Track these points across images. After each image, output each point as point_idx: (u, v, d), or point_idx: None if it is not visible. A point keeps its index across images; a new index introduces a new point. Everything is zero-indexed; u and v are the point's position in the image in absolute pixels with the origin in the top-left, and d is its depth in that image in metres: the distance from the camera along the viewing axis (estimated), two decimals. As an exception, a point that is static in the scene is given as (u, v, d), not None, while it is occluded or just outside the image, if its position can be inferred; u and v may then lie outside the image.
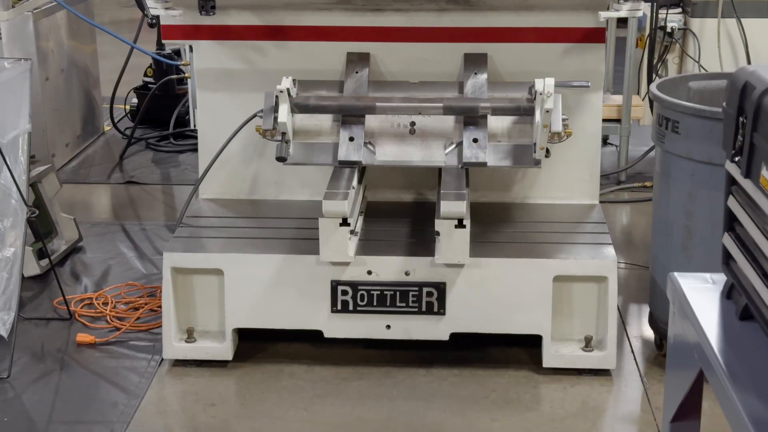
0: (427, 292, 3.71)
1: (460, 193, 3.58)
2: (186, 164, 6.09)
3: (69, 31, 6.01)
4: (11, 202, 3.68)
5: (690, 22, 5.33)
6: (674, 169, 3.52)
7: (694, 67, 5.33)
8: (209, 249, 3.83)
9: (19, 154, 3.72)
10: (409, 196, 4.30)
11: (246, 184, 4.31)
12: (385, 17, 4.06)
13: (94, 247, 4.89)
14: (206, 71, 4.19)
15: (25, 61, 3.77)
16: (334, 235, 3.61)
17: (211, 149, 4.15)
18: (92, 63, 6.50)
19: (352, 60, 4.06)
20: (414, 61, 4.09)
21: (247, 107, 4.01)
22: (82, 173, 5.93)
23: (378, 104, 3.85)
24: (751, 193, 1.77)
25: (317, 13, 4.06)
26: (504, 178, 4.23)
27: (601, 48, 4.03)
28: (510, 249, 3.79)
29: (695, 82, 3.77)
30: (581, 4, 3.92)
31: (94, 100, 6.53)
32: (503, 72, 4.07)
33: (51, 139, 5.76)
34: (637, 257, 4.75)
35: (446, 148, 3.84)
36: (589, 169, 4.19)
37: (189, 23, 4.04)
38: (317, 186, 4.14)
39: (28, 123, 3.74)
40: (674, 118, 3.46)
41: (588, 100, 4.09)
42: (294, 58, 4.11)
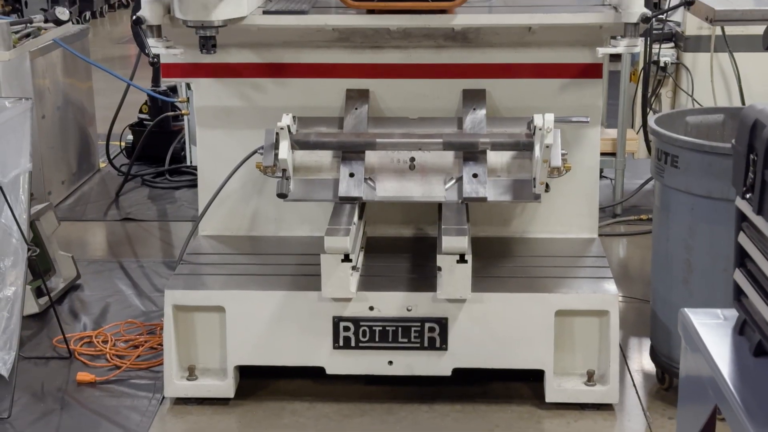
0: (429, 327, 3.71)
1: (461, 228, 3.60)
2: (182, 200, 6.10)
3: (65, 69, 6.03)
4: (12, 241, 3.68)
5: (683, 57, 5.38)
6: (674, 203, 3.55)
7: (687, 101, 5.38)
8: (210, 286, 3.83)
9: (20, 193, 3.72)
10: (409, 232, 4.31)
11: (246, 221, 4.31)
12: (383, 54, 4.09)
13: (92, 284, 4.88)
14: (206, 109, 4.21)
15: (25, 101, 3.79)
16: (336, 271, 3.61)
17: (210, 186, 4.16)
18: (88, 100, 6.52)
19: (351, 96, 4.09)
20: (413, 97, 4.12)
21: (246, 144, 4.02)
22: (79, 210, 5.92)
23: (378, 140, 3.87)
24: (763, 229, 1.78)
25: (316, 51, 4.09)
26: (503, 212, 4.25)
27: (598, 83, 4.07)
28: (511, 284, 3.79)
29: (692, 117, 3.81)
30: (578, 41, 3.96)
31: (90, 137, 6.54)
32: (501, 107, 4.10)
33: (47, 177, 5.76)
34: (634, 290, 4.76)
35: (446, 184, 3.86)
36: (587, 203, 4.22)
37: (189, 61, 4.06)
38: (317, 222, 4.15)
39: (29, 162, 3.75)
40: (673, 152, 3.49)
41: (586, 135, 4.12)
42: (293, 95, 4.13)
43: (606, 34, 3.87)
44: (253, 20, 3.83)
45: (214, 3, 3.64)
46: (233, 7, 3.69)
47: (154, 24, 3.76)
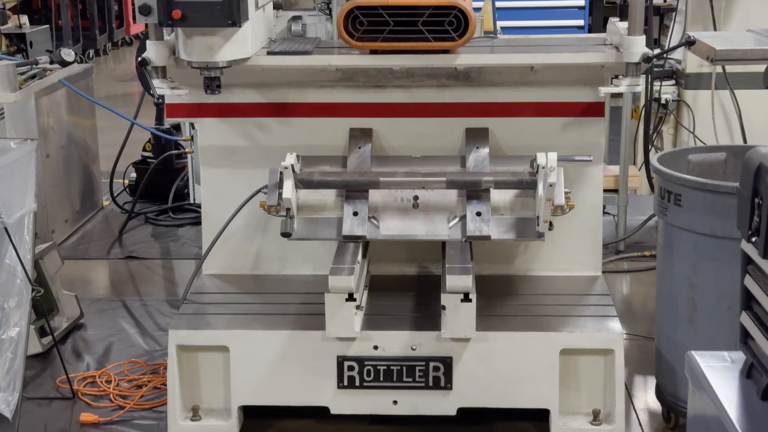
0: (434, 366, 3.70)
1: (465, 267, 3.60)
2: (185, 238, 6.10)
3: (69, 108, 6.07)
4: (16, 281, 3.68)
5: (684, 94, 5.41)
6: (677, 241, 3.55)
7: (689, 138, 5.40)
8: (214, 326, 3.83)
9: (25, 233, 3.73)
10: (413, 270, 4.31)
11: (249, 260, 4.32)
12: (387, 93, 4.12)
13: (95, 323, 4.87)
14: (210, 148, 4.23)
15: (31, 142, 3.81)
16: (340, 311, 3.61)
17: (214, 225, 4.17)
18: (91, 138, 6.55)
19: (355, 135, 4.11)
20: (416, 136, 4.14)
21: (250, 183, 4.04)
22: (82, 249, 5.93)
23: (381, 179, 3.89)
24: (770, 272, 1.79)
25: (320, 90, 4.12)
26: (507, 250, 4.26)
27: (600, 122, 4.09)
28: (516, 322, 3.79)
29: (694, 155, 3.83)
30: (580, 80, 3.99)
31: (93, 175, 6.57)
32: (504, 146, 4.12)
33: (51, 216, 5.78)
34: (639, 327, 4.75)
35: (450, 222, 3.87)
36: (591, 240, 4.22)
37: (194, 101, 4.09)
38: (320, 260, 4.16)
39: (34, 202, 3.76)
40: (676, 191, 3.50)
41: (589, 173, 4.13)
42: (297, 135, 4.16)
43: (608, 74, 3.89)
44: (257, 61, 3.86)
45: (218, 44, 3.67)
46: (238, 48, 3.72)
47: (159, 65, 3.79)
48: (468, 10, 3.71)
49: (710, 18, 5.20)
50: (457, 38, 3.74)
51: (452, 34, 3.73)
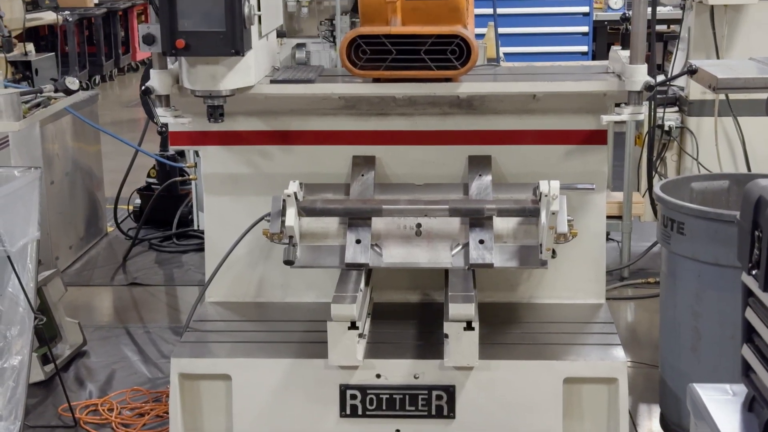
0: (437, 395, 3.69)
1: (468, 296, 3.59)
2: (189, 264, 6.11)
3: (74, 134, 6.09)
4: (19, 310, 3.68)
5: (687, 121, 5.41)
6: (680, 269, 3.54)
7: (692, 164, 5.40)
8: (216, 354, 3.82)
9: (27, 261, 3.74)
10: (416, 297, 4.30)
11: (252, 287, 4.31)
12: (389, 121, 4.13)
13: (98, 351, 4.87)
14: (213, 176, 4.24)
15: (35, 170, 3.82)
16: (342, 339, 3.60)
17: (217, 252, 4.17)
18: (96, 164, 6.57)
19: (357, 163, 4.11)
20: (419, 164, 4.14)
21: (253, 211, 4.04)
22: (86, 275, 5.93)
23: (384, 207, 3.89)
24: (770, 305, 1.78)
25: (323, 118, 4.13)
26: (510, 278, 4.25)
27: (603, 149, 4.09)
28: (519, 351, 3.78)
29: (697, 183, 3.83)
30: (582, 108, 3.99)
31: (98, 201, 6.58)
32: (507, 173, 4.12)
33: (55, 242, 5.78)
34: (643, 355, 4.73)
35: (452, 250, 3.86)
36: (594, 268, 4.21)
37: (197, 129, 4.10)
38: (324, 288, 4.15)
39: (37, 230, 3.77)
40: (679, 219, 3.50)
41: (592, 201, 4.13)
42: (300, 162, 4.16)
43: (610, 102, 3.90)
44: (260, 89, 3.87)
45: (222, 73, 3.69)
46: (241, 76, 3.73)
47: (163, 94, 3.81)
48: (470, 39, 3.72)
49: (713, 45, 5.21)
50: (459, 67, 3.75)
51: (455, 63, 3.74)
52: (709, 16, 5.16)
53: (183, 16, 3.55)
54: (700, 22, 5.23)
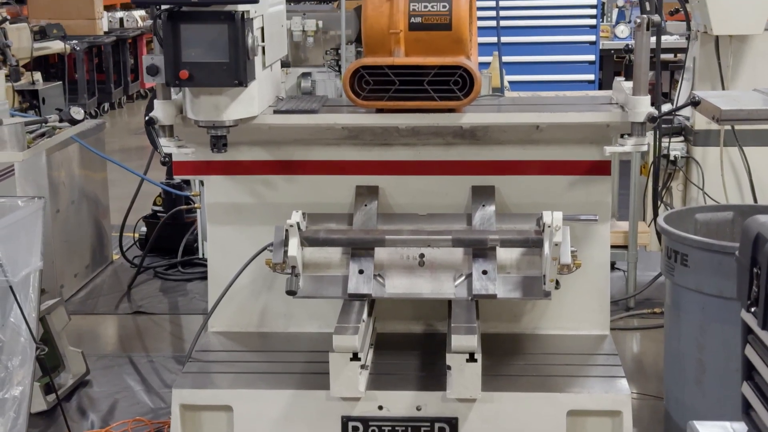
0: (440, 427, 3.66)
1: (470, 327, 3.57)
2: (194, 293, 6.10)
3: (80, 162, 6.11)
4: (20, 340, 3.68)
5: (693, 151, 5.40)
6: (684, 301, 3.52)
7: (698, 194, 5.38)
8: (218, 385, 3.80)
9: (30, 291, 3.74)
10: (419, 328, 4.28)
11: (255, 317, 4.30)
12: (393, 151, 4.13)
13: (100, 380, 4.85)
14: (217, 205, 4.24)
15: (38, 200, 3.83)
16: (344, 370, 3.58)
17: (220, 282, 4.17)
18: (102, 192, 6.58)
19: (361, 193, 4.11)
20: (422, 194, 4.14)
21: (256, 240, 4.04)
22: (90, 304, 5.93)
23: (387, 237, 3.88)
24: (769, 343, 1.76)
25: (326, 148, 4.14)
26: (513, 308, 4.23)
27: (607, 180, 4.08)
28: (522, 383, 3.75)
29: (701, 214, 3.81)
30: (586, 138, 3.99)
31: (104, 229, 6.59)
32: (510, 204, 4.11)
33: (60, 270, 5.78)
34: (649, 387, 4.69)
35: (456, 280, 3.85)
36: (598, 299, 4.19)
37: (201, 159, 4.10)
38: (326, 318, 4.13)
39: (40, 260, 3.77)
40: (683, 251, 3.48)
41: (596, 231, 4.12)
42: (303, 192, 4.17)
43: (614, 132, 3.90)
44: (264, 119, 3.88)
45: (225, 104, 3.70)
46: (244, 107, 3.74)
47: (167, 124, 3.82)
48: (473, 70, 3.73)
49: (718, 76, 5.21)
50: (462, 97, 3.76)
51: (458, 94, 3.75)
52: (714, 46, 5.16)
53: (187, 47, 3.57)
54: (705, 53, 5.23)
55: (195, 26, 3.55)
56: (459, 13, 3.75)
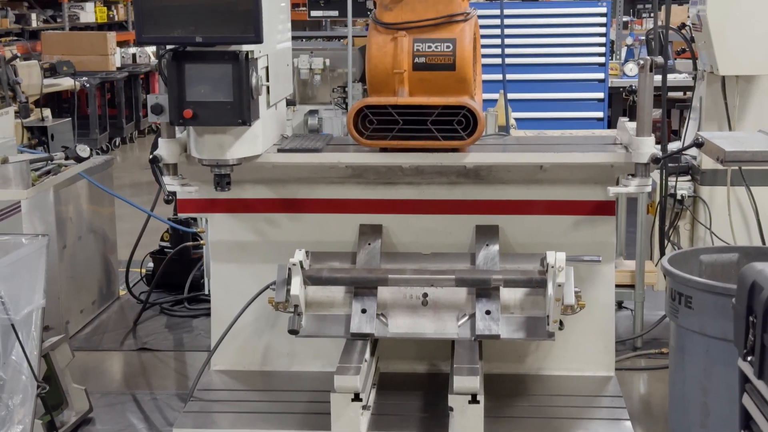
0: (441, 469, 3.63)
1: (473, 368, 3.56)
2: (199, 329, 6.07)
3: (88, 198, 6.11)
4: (22, 378, 3.66)
5: (700, 190, 5.37)
6: (688, 344, 3.49)
7: (705, 234, 5.34)
8: (219, 425, 3.79)
9: (32, 329, 3.73)
10: (422, 367, 4.26)
11: (258, 355, 4.29)
12: (397, 190, 4.13)
13: (104, 418, 4.82)
14: (220, 243, 4.24)
15: (42, 237, 3.84)
16: (346, 411, 3.56)
17: (223, 320, 4.16)
18: (110, 227, 6.58)
19: (364, 232, 4.11)
20: (426, 233, 4.13)
21: (260, 278, 4.04)
22: (95, 340, 5.91)
23: (390, 276, 3.88)
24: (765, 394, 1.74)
25: (330, 186, 4.14)
26: (517, 348, 4.20)
27: (611, 220, 4.07)
28: (525, 425, 3.72)
29: (706, 256, 3.79)
30: (590, 179, 3.98)
31: (111, 265, 6.58)
32: (514, 243, 4.10)
33: (65, 307, 5.77)
34: (656, 429, 4.62)
35: (459, 320, 3.84)
36: (603, 340, 4.16)
37: (205, 197, 4.11)
38: (330, 357, 4.11)
39: (43, 298, 3.77)
40: (687, 293, 3.45)
41: (600, 272, 4.10)
42: (307, 230, 4.17)
43: (618, 173, 3.89)
44: (267, 158, 3.90)
45: (229, 142, 3.71)
46: (248, 146, 3.76)
47: (171, 162, 3.83)
48: (477, 110, 3.74)
49: (725, 116, 5.19)
50: (466, 137, 3.76)
51: (461, 133, 3.76)
52: (721, 86, 5.15)
53: (191, 86, 3.59)
54: (711, 92, 5.22)
55: (199, 66, 3.58)
56: (463, 54, 3.77)
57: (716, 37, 4.97)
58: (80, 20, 14.49)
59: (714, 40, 4.98)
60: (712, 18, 4.96)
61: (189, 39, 3.53)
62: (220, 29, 3.53)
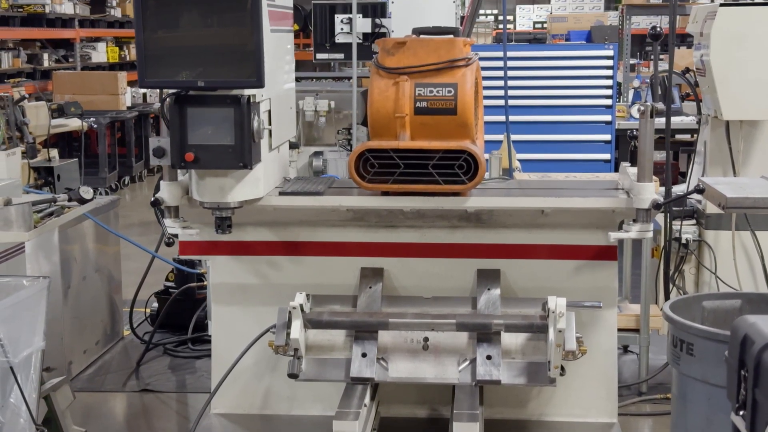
0: None
1: (473, 414, 3.53)
2: (202, 370, 6.04)
3: (94, 237, 6.12)
4: (20, 421, 3.65)
5: (705, 234, 5.35)
6: (690, 392, 3.46)
7: (711, 278, 5.31)
8: (218, 469, 3.76)
9: (31, 371, 3.72)
10: (423, 412, 4.23)
11: (258, 398, 4.26)
12: (398, 233, 4.13)
13: (103, 460, 4.80)
14: (222, 285, 4.24)
15: (43, 279, 3.84)
16: (345, 457, 3.53)
17: (224, 362, 4.14)
18: (115, 267, 6.59)
19: (365, 275, 4.10)
20: (427, 276, 4.12)
21: (261, 321, 4.03)
22: (98, 381, 5.89)
23: (391, 320, 3.86)
24: (758, 449, 1.72)
25: (332, 229, 4.14)
26: (519, 393, 4.17)
27: (613, 265, 4.05)
28: (525, 473, 3.68)
29: (709, 302, 3.76)
30: (592, 223, 3.97)
31: (115, 304, 6.58)
32: (516, 287, 4.08)
33: (69, 347, 5.76)
34: (660, 476, 4.59)
35: (460, 365, 3.82)
36: (605, 385, 4.13)
37: (206, 239, 4.12)
38: (331, 400, 4.08)
39: (43, 340, 3.76)
40: (688, 340, 3.43)
41: (602, 317, 4.07)
42: (308, 273, 4.16)
43: (619, 218, 3.88)
44: (269, 201, 3.90)
45: (230, 185, 3.72)
46: (249, 189, 3.77)
47: (172, 205, 3.84)
48: (477, 155, 3.74)
49: (729, 160, 5.19)
50: (467, 181, 3.76)
51: (462, 178, 3.76)
52: (725, 131, 5.15)
53: (193, 129, 3.61)
54: (715, 137, 5.22)
55: (201, 110, 3.60)
56: (464, 98, 3.78)
57: (720, 82, 4.98)
58: (92, 60, 14.64)
59: (717, 85, 4.99)
60: (716, 63, 4.97)
61: (191, 83, 3.55)
62: (222, 73, 3.56)
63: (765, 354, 1.65)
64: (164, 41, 3.54)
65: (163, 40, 3.53)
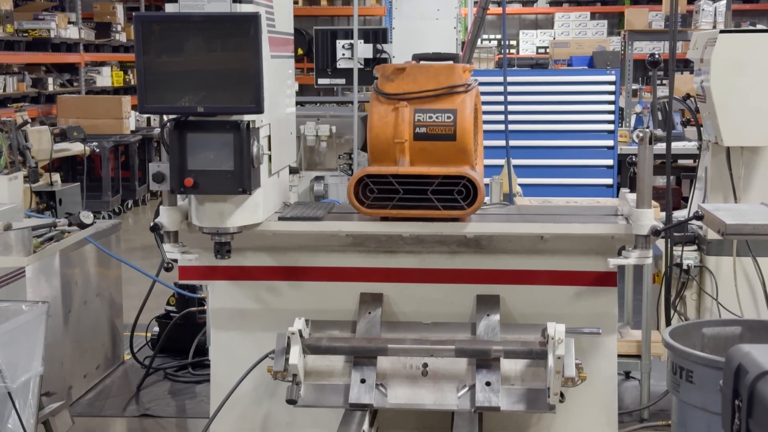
0: None
1: (471, 441, 3.51)
2: (202, 395, 6.03)
3: (95, 261, 6.13)
4: (17, 446, 3.64)
5: (706, 260, 5.34)
6: (690, 419, 3.44)
7: (712, 304, 5.30)
8: (214, 497, 3.74)
9: (29, 397, 3.72)
10: (423, 439, 4.20)
11: (257, 424, 4.25)
12: (397, 259, 4.12)
13: (101, 486, 4.78)
14: (221, 310, 4.23)
15: (42, 304, 3.84)
16: (342, 484, 3.51)
17: (223, 387, 4.13)
18: (116, 291, 6.59)
19: (365, 300, 4.09)
20: (426, 302, 4.11)
21: (260, 346, 4.02)
22: (98, 405, 5.88)
23: (390, 346, 3.85)
24: (752, 479, 1.71)
25: (331, 255, 4.14)
26: (519, 420, 4.15)
27: (613, 291, 4.04)
28: (525, 500, 3.66)
29: (709, 329, 3.75)
30: (591, 249, 3.97)
31: (116, 329, 6.57)
32: (516, 313, 4.07)
33: (69, 372, 5.75)
34: (661, 504, 4.55)
35: (459, 391, 3.80)
36: (605, 412, 4.10)
37: (205, 264, 4.11)
38: (330, 425, 4.07)
39: (41, 365, 3.76)
40: (688, 367, 3.42)
41: (602, 343, 4.05)
42: (307, 298, 4.15)
43: (619, 244, 3.87)
44: (268, 226, 3.90)
45: (229, 211, 3.73)
46: (249, 214, 3.77)
47: (171, 230, 3.85)
48: (477, 180, 3.75)
49: (730, 186, 5.19)
50: (466, 207, 3.77)
51: (461, 203, 3.76)
52: (726, 157, 5.16)
53: (192, 155, 3.62)
54: (716, 163, 5.22)
55: (201, 135, 3.62)
56: (464, 124, 3.79)
57: (720, 109, 4.99)
58: (97, 84, 14.72)
59: (718, 111, 5.00)
60: (716, 89, 4.98)
61: (191, 109, 3.56)
62: (221, 99, 3.57)
63: (759, 384, 1.64)
64: (164, 67, 3.55)
65: (163, 66, 3.55)
